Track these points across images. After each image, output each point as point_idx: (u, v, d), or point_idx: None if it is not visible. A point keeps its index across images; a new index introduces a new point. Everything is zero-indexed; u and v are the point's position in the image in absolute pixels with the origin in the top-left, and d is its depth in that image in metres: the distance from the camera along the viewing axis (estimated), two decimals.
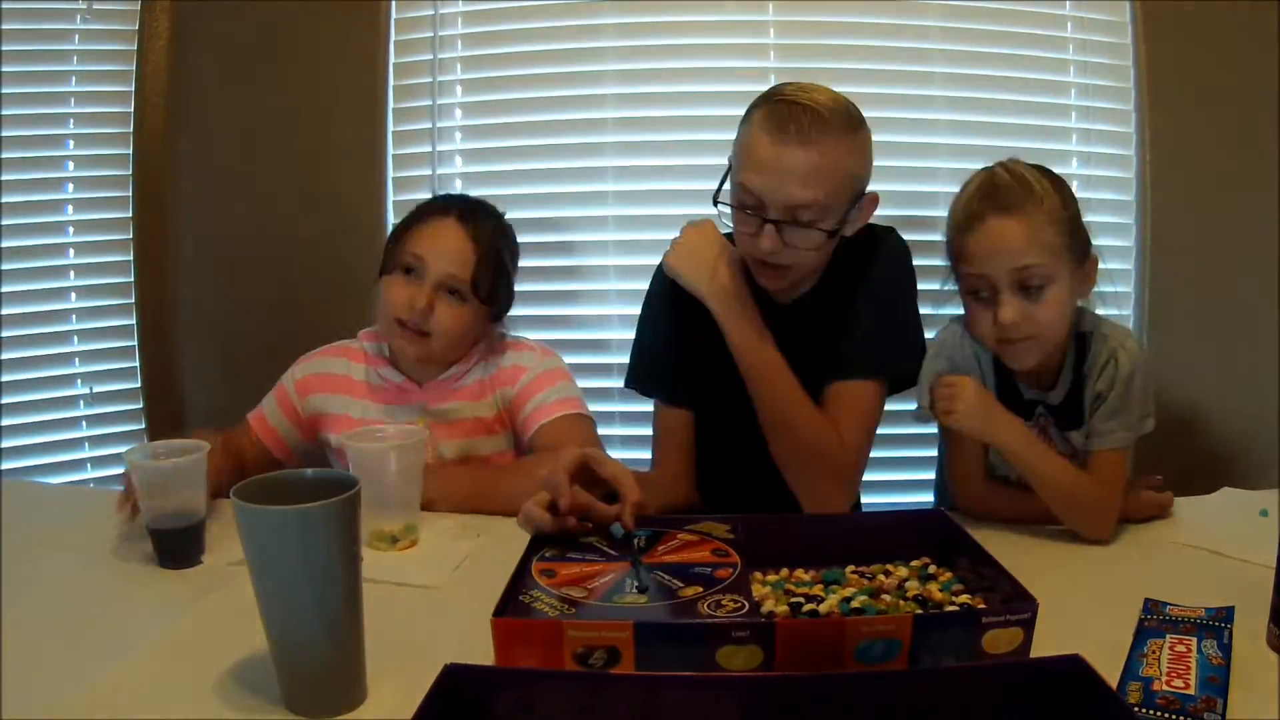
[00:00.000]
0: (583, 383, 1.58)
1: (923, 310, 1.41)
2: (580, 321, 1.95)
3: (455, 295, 1.37)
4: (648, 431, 1.48)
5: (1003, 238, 1.16)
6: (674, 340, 1.37)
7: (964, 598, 0.88)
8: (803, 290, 1.32)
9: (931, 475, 1.61)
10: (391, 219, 1.94)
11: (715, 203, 1.25)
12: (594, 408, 1.56)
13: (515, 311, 1.73)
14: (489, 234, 1.42)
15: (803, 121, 1.16)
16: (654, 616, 0.79)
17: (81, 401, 1.98)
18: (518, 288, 1.71)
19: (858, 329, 1.26)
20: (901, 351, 1.29)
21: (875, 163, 1.84)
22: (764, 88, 1.28)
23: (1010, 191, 1.17)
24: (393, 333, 1.39)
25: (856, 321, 1.27)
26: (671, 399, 1.39)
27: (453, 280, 1.36)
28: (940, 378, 1.23)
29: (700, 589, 0.83)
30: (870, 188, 1.84)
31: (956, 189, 1.27)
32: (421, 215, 1.43)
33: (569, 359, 1.54)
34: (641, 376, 1.42)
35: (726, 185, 1.25)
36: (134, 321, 2.00)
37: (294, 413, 1.44)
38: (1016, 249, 1.16)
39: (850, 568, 0.96)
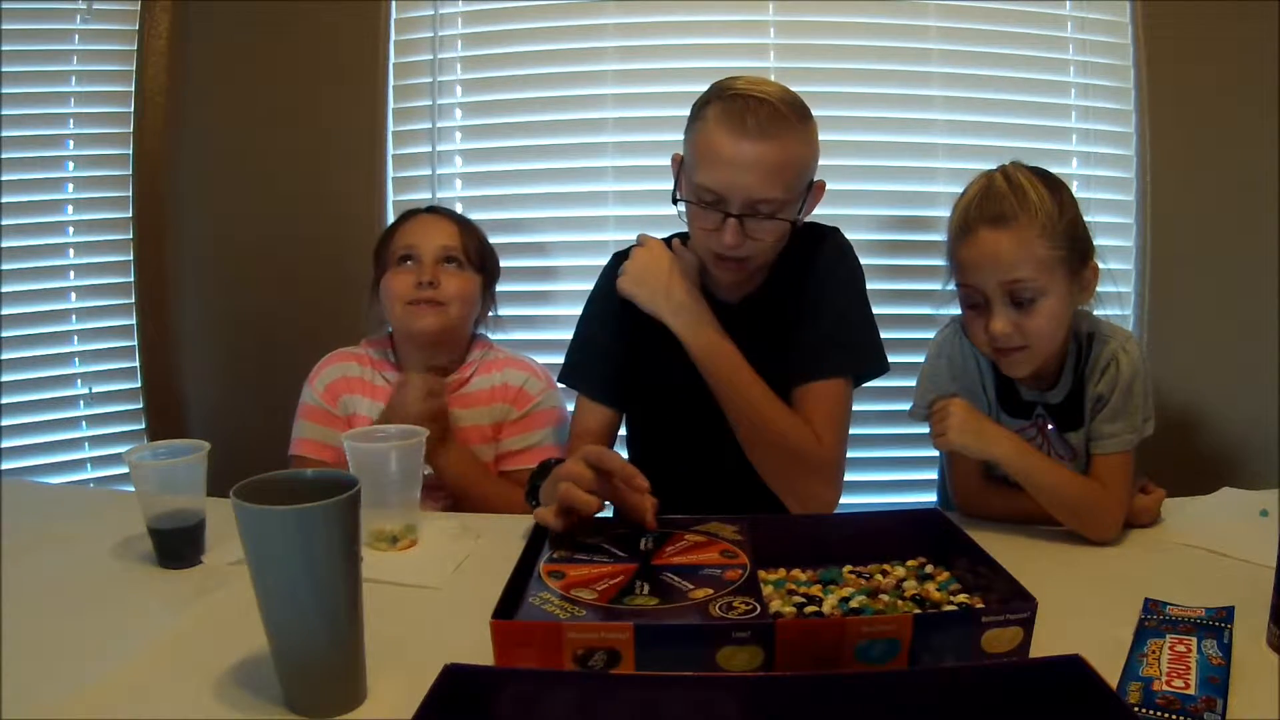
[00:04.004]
0: None
1: (923, 310, 1.41)
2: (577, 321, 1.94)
3: (454, 264, 1.46)
4: None
5: (993, 251, 1.16)
6: (606, 341, 1.38)
7: (962, 597, 0.88)
8: (750, 289, 1.32)
9: (931, 475, 1.61)
10: (391, 219, 1.94)
11: (675, 201, 1.25)
12: None
13: (515, 311, 1.73)
14: (461, 217, 1.55)
15: (760, 116, 1.15)
16: (660, 619, 0.79)
17: (81, 401, 1.98)
18: (516, 288, 1.72)
19: (819, 329, 1.26)
20: (865, 348, 1.30)
21: (875, 163, 1.86)
22: None
23: (1004, 202, 1.16)
24: (406, 316, 1.43)
25: (817, 321, 1.27)
26: (593, 395, 1.38)
27: (448, 250, 1.46)
28: (931, 404, 1.24)
29: (711, 591, 0.83)
30: (870, 188, 1.86)
31: (956, 189, 1.27)
32: (399, 220, 1.54)
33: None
34: (570, 370, 1.42)
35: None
36: (134, 321, 2.00)
37: (335, 419, 1.45)
38: (1007, 263, 1.15)
39: (847, 568, 0.96)
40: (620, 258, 1.38)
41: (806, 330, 1.27)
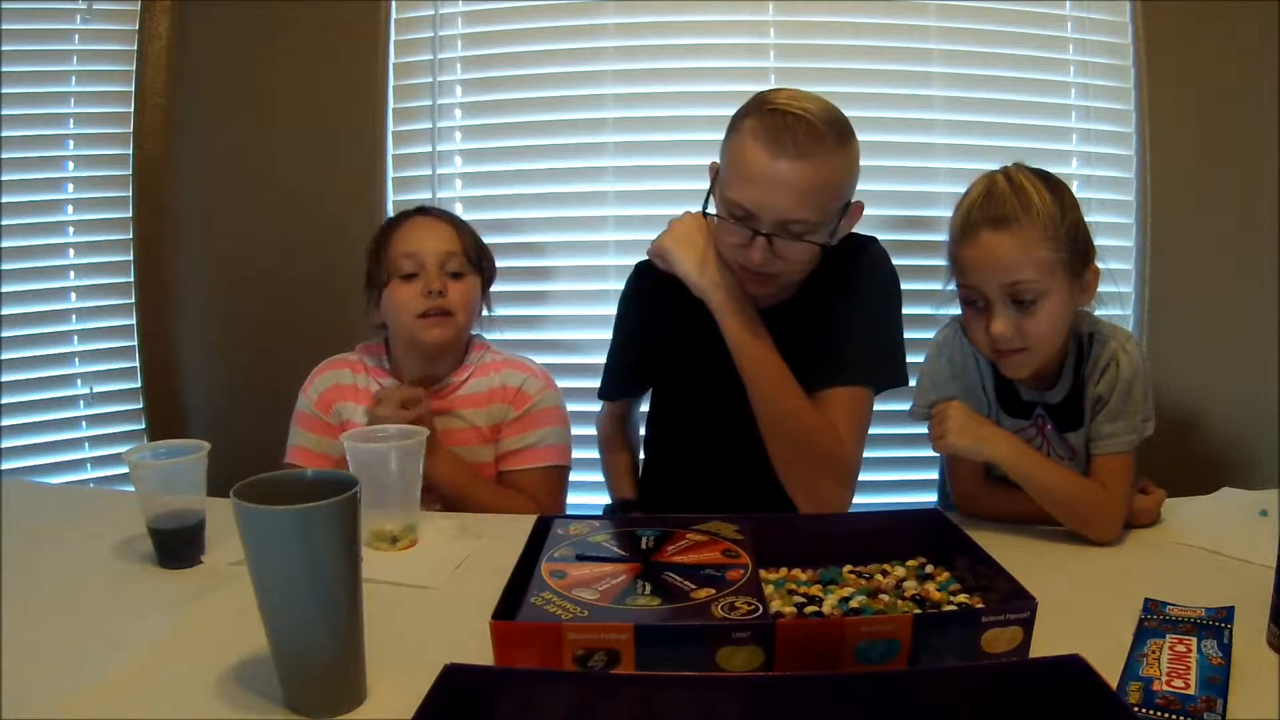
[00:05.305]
0: (581, 382, 1.59)
1: (923, 310, 1.41)
2: (578, 321, 1.95)
3: (456, 269, 1.44)
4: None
5: (995, 253, 1.15)
6: (635, 351, 1.42)
7: (962, 597, 0.88)
8: (782, 298, 1.29)
9: (931, 475, 1.61)
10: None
11: (705, 213, 1.24)
12: (590, 407, 1.57)
13: (514, 311, 1.73)
14: (454, 217, 1.52)
15: (798, 134, 1.13)
16: (660, 619, 0.78)
17: (81, 401, 1.98)
18: (517, 288, 1.71)
19: (848, 337, 1.26)
20: (892, 359, 1.30)
21: (875, 163, 1.86)
22: (764, 87, 1.27)
23: (1006, 203, 1.16)
24: (416, 329, 1.41)
25: (848, 328, 1.26)
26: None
27: (450, 257, 1.43)
28: (931, 404, 1.25)
29: (713, 591, 0.83)
30: (869, 188, 1.85)
31: (956, 189, 1.26)
32: (391, 225, 1.50)
33: (568, 358, 1.55)
34: (609, 391, 1.49)
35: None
36: (134, 321, 2.00)
37: (329, 428, 1.44)
38: (1008, 265, 1.15)
39: (847, 567, 0.96)
40: (643, 268, 1.38)
41: (835, 337, 1.26)
